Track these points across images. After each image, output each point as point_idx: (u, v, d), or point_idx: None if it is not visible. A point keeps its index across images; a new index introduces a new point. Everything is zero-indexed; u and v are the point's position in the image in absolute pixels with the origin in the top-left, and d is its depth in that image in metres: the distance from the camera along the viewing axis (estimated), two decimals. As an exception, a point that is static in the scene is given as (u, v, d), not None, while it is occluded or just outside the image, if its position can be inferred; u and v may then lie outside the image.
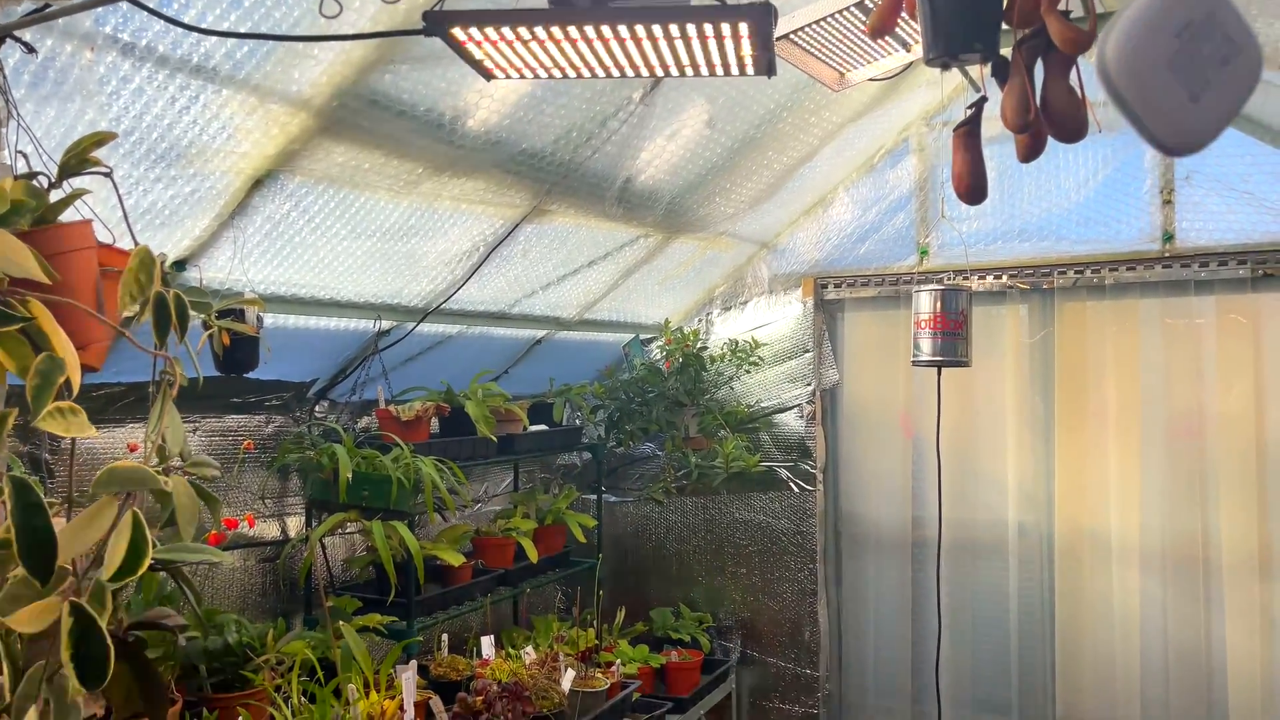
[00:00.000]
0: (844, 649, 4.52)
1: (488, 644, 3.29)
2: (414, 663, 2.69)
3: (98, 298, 1.41)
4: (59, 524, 1.32)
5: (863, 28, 2.55)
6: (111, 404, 2.76)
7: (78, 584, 1.30)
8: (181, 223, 2.39)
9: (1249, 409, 3.76)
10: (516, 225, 3.21)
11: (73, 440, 1.24)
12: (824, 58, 2.77)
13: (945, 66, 1.56)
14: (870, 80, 2.98)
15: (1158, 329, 3.93)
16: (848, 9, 2.48)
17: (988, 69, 1.57)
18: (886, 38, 2.50)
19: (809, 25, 2.55)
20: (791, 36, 2.60)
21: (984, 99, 1.66)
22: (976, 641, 4.24)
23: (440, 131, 2.55)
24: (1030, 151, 1.53)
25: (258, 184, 2.41)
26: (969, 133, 1.64)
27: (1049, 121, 1.49)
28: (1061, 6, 1.47)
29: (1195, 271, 3.82)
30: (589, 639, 4.00)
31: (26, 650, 1.36)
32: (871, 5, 2.43)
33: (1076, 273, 4.01)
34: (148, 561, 1.30)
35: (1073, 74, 1.48)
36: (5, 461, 1.19)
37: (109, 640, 1.24)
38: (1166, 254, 3.86)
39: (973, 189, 1.62)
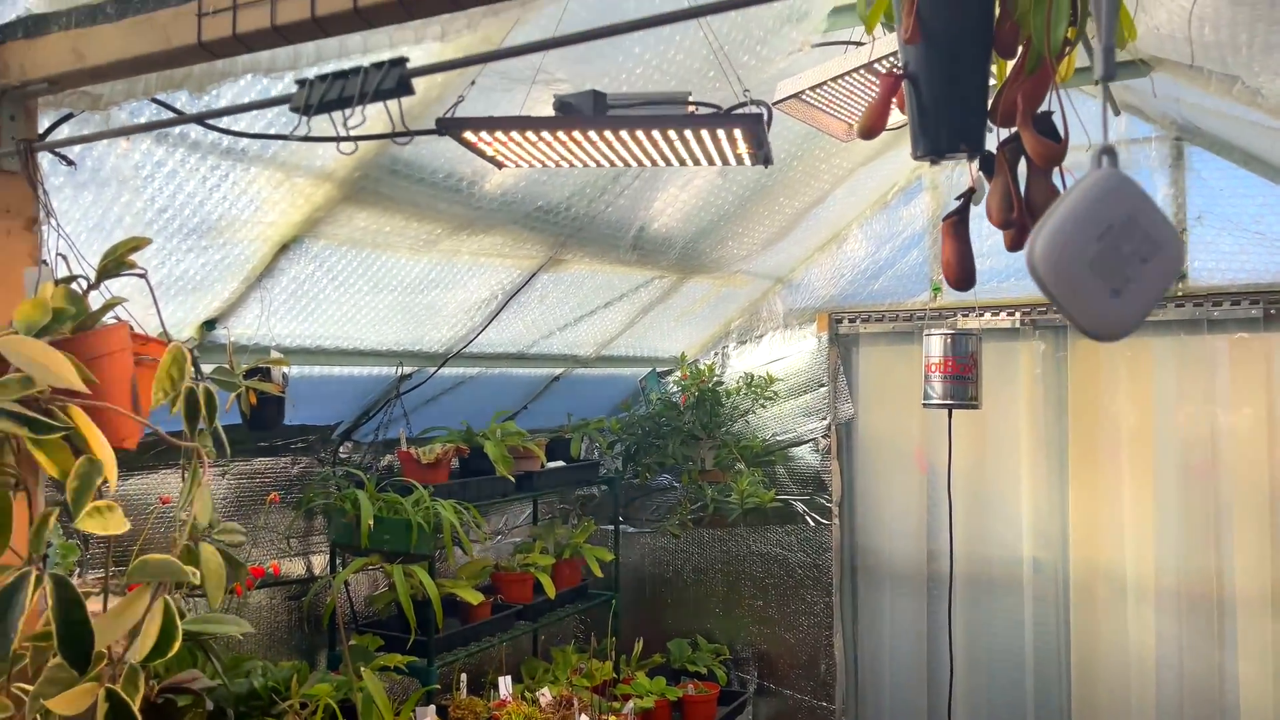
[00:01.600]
0: (860, 682, 4.57)
1: (505, 685, 3.37)
2: (433, 706, 2.78)
3: (133, 393, 1.50)
4: (93, 606, 1.42)
5: (869, 85, 2.62)
6: (145, 453, 2.87)
7: (112, 666, 1.39)
8: (211, 287, 2.50)
9: (1262, 446, 3.78)
10: (533, 274, 3.30)
11: (109, 537, 1.34)
12: (832, 113, 2.83)
13: (932, 162, 1.62)
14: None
15: (1171, 367, 3.95)
16: (855, 70, 2.56)
17: (976, 163, 1.63)
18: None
19: (817, 85, 2.62)
20: (800, 96, 2.68)
21: (972, 190, 1.72)
22: (992, 676, 4.27)
23: (458, 195, 2.64)
24: (1016, 244, 1.59)
25: (284, 248, 2.51)
26: (958, 222, 1.70)
27: (1032, 218, 1.55)
28: (1044, 107, 1.54)
29: (1208, 311, 3.84)
30: (606, 671, 4.08)
31: (65, 726, 1.46)
32: (880, 68, 2.50)
33: (1089, 311, 4.04)
34: (178, 644, 1.39)
35: (1055, 173, 1.55)
36: (46, 558, 1.29)
37: (141, 722, 1.33)
38: (1179, 294, 3.88)
39: (961, 278, 1.68)
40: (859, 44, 2.74)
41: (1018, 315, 4.16)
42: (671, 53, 2.45)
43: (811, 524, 4.54)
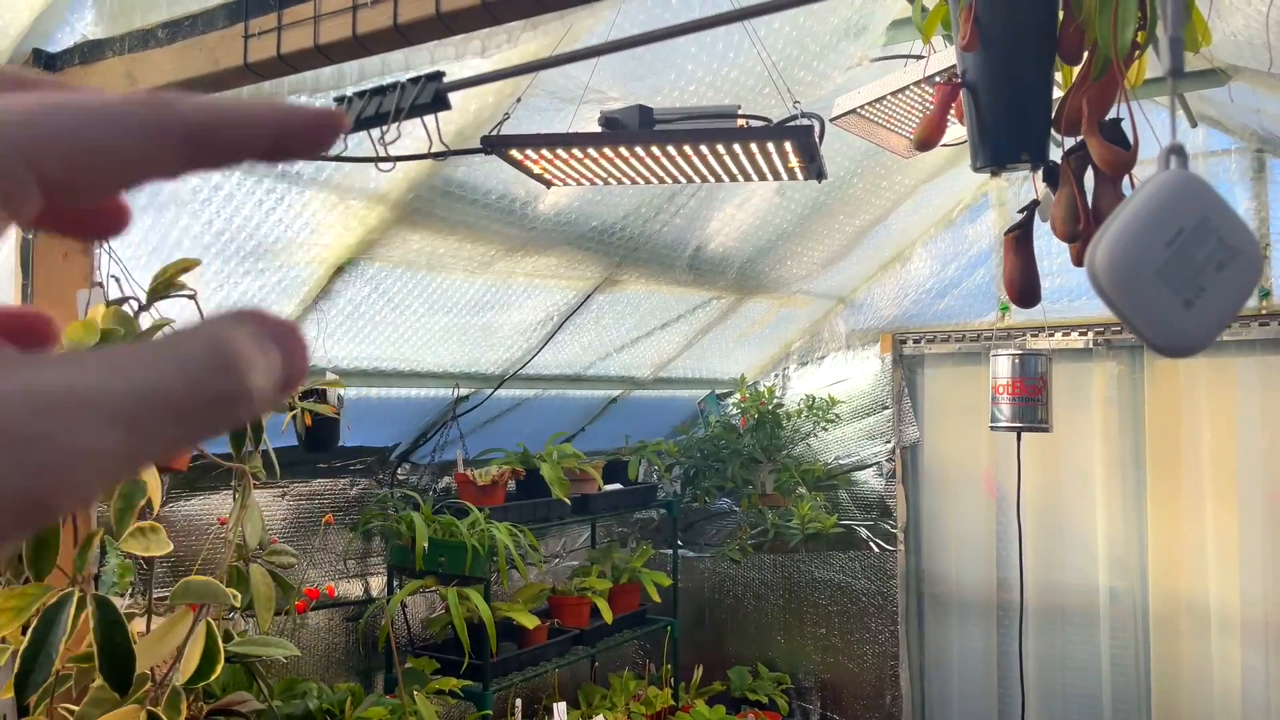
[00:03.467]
0: (927, 715, 4.42)
1: (560, 711, 3.32)
2: (486, 732, 2.74)
3: (180, 413, 1.51)
4: (138, 628, 1.42)
5: (929, 99, 2.56)
6: (206, 474, 2.91)
7: (155, 689, 1.38)
8: (269, 310, 2.52)
9: (1357, 473, 3.57)
10: (589, 295, 3.28)
11: (151, 557, 1.33)
12: (892, 128, 2.77)
13: (994, 174, 1.56)
14: (943, 145, 2.97)
15: (1256, 387, 3.76)
16: (914, 85, 2.49)
17: (1039, 174, 1.56)
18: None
19: (875, 100, 2.57)
20: (858, 111, 2.62)
21: (1036, 203, 1.65)
22: (1066, 711, 4.10)
23: (512, 215, 2.64)
24: (1082, 258, 1.51)
25: (339, 271, 2.53)
26: (1020, 236, 1.63)
27: (1100, 230, 1.47)
28: (1112, 114, 1.46)
29: (1294, 329, 3.66)
30: (665, 699, 4.01)
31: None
32: (939, 79, 2.43)
33: (1166, 330, 3.88)
34: (220, 667, 1.38)
35: (1125, 180, 1.47)
36: (97, 578, 1.29)
37: (182, 746, 1.32)
38: (1264, 311, 3.71)
39: (1025, 293, 1.61)
40: (918, 57, 2.67)
41: (1090, 335, 4.01)
42: (725, 70, 2.41)
43: (876, 550, 4.42)
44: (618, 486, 4.11)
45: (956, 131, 2.87)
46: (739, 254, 3.52)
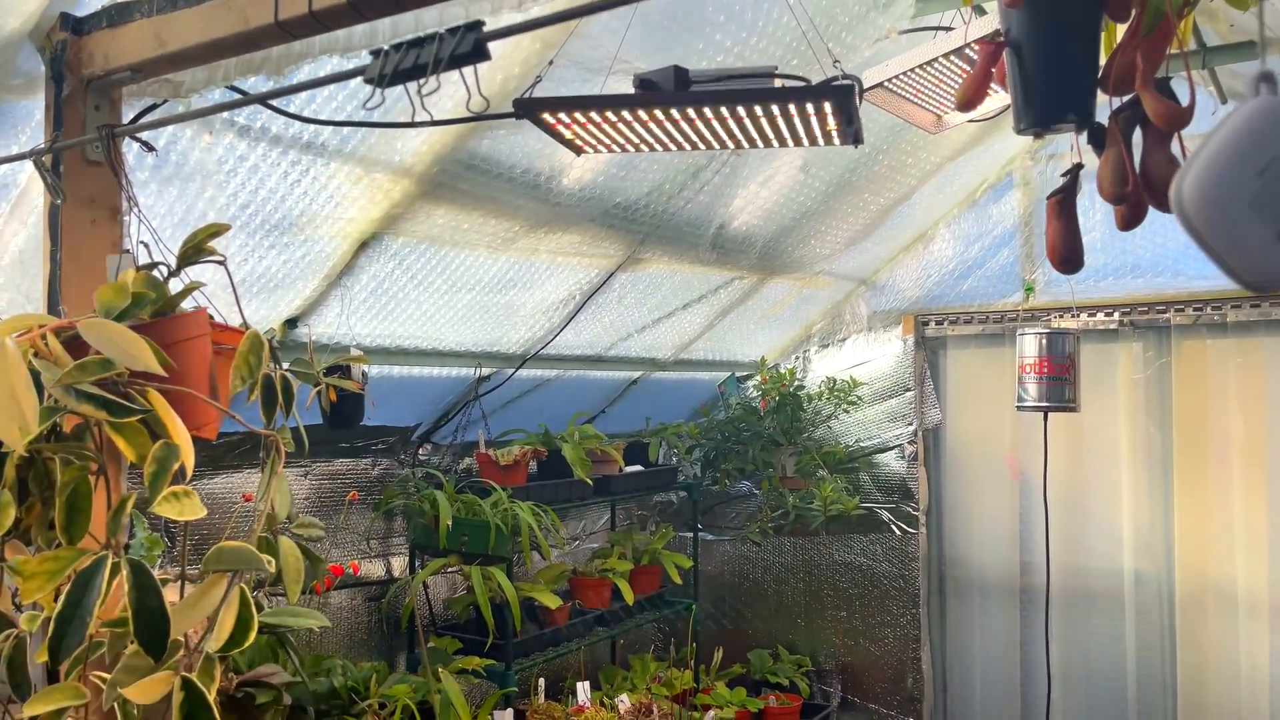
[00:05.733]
0: (949, 698, 4.39)
1: (583, 690, 3.31)
2: (511, 710, 2.73)
3: (211, 379, 1.49)
4: (172, 595, 1.40)
5: (959, 73, 2.51)
6: (230, 451, 2.91)
7: (188, 655, 1.37)
8: (293, 285, 2.51)
9: (1390, 455, 3.52)
10: (611, 274, 3.26)
11: (185, 522, 1.32)
12: (919, 102, 2.72)
13: (1037, 135, 1.52)
14: (970, 121, 2.93)
15: (1286, 369, 3.71)
16: (943, 57, 2.45)
17: (1083, 136, 1.53)
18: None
19: (903, 73, 2.52)
20: (886, 84, 2.58)
21: (1080, 166, 1.61)
22: (1090, 696, 4.06)
23: (536, 190, 2.61)
24: (1129, 221, 1.48)
25: (363, 246, 2.51)
26: (1063, 200, 1.59)
27: (1149, 191, 1.43)
28: (1161, 74, 1.42)
29: (1327, 309, 3.60)
30: (686, 680, 3.99)
31: (140, 717, 1.45)
32: (970, 53, 2.39)
33: (1195, 310, 3.83)
34: (254, 634, 1.36)
35: (1175, 140, 1.43)
36: (127, 547, 1.27)
37: (216, 713, 1.30)
38: (1294, 290, 3.65)
39: (1067, 259, 1.57)
40: (948, 29, 2.63)
41: (1116, 315, 3.96)
42: (754, 39, 2.38)
43: (897, 533, 4.39)
44: (638, 468, 4.09)
45: (984, 106, 2.84)
46: (762, 233, 3.49)
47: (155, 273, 1.49)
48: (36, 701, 1.29)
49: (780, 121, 1.54)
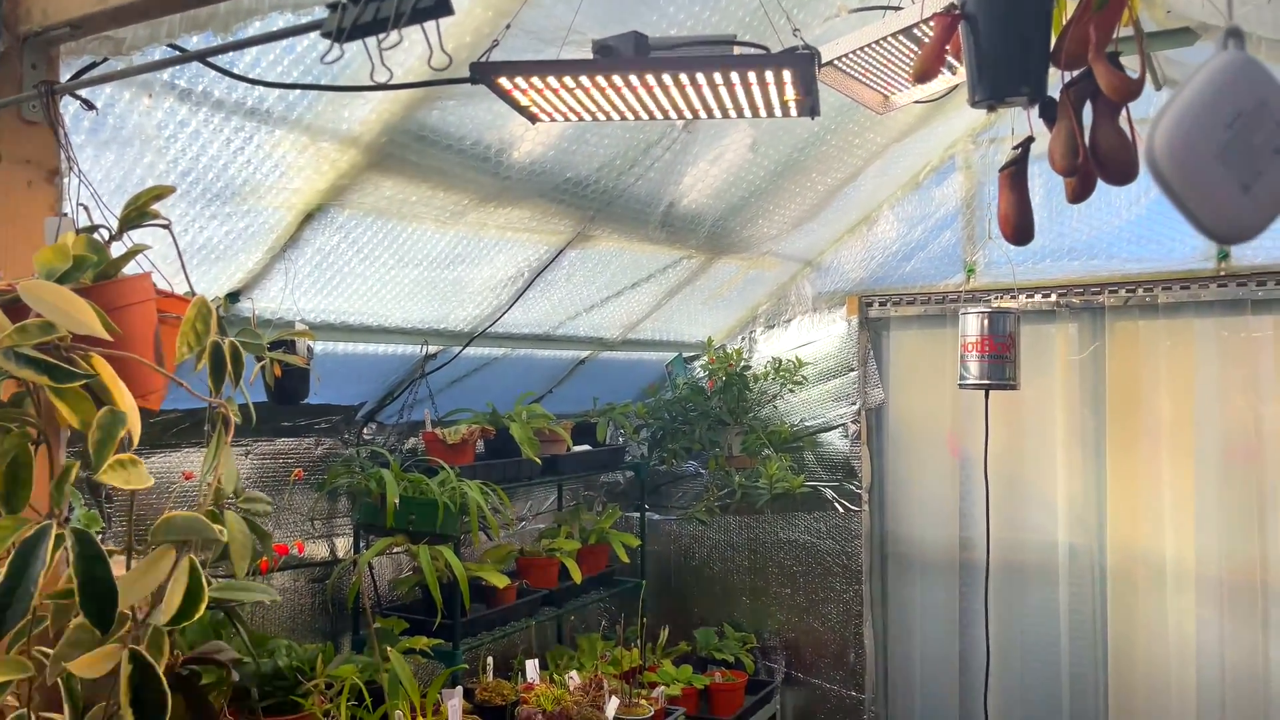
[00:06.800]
0: (890, 671, 4.48)
1: (532, 668, 3.31)
2: (460, 688, 2.72)
3: (156, 347, 1.44)
4: (118, 569, 1.36)
5: (907, 53, 2.54)
6: (168, 430, 2.83)
7: (136, 629, 1.33)
8: (235, 257, 2.44)
9: (1309, 431, 3.67)
10: (561, 251, 3.24)
11: (132, 491, 1.28)
12: (868, 82, 2.75)
13: (991, 108, 1.54)
14: (916, 103, 2.96)
15: (1213, 349, 3.84)
16: (892, 36, 2.47)
17: (1034, 110, 1.55)
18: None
19: (853, 52, 2.54)
20: (835, 63, 2.59)
21: (1030, 139, 1.64)
22: (1026, 666, 4.18)
23: (486, 164, 2.58)
24: (1079, 194, 1.51)
25: (308, 218, 2.46)
26: (1015, 173, 1.63)
27: (1098, 164, 1.47)
28: (1110, 48, 1.46)
29: (1252, 290, 3.73)
30: (633, 659, 4.01)
31: (86, 692, 1.40)
32: (918, 34, 2.42)
33: (1128, 291, 3.94)
34: (204, 606, 1.33)
35: (1122, 116, 1.46)
36: (68, 520, 1.23)
37: (166, 686, 1.27)
38: (1222, 272, 3.78)
39: (1019, 230, 1.60)
40: (897, 8, 2.65)
41: (1054, 296, 4.06)
42: (707, 14, 2.37)
43: (841, 511, 4.46)
44: (586, 448, 4.09)
45: (931, 87, 2.87)
46: (711, 211, 3.50)
47: (96, 235, 1.44)
48: (-23, 676, 1.24)
49: (739, 90, 1.54)
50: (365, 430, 3.51)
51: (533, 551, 3.89)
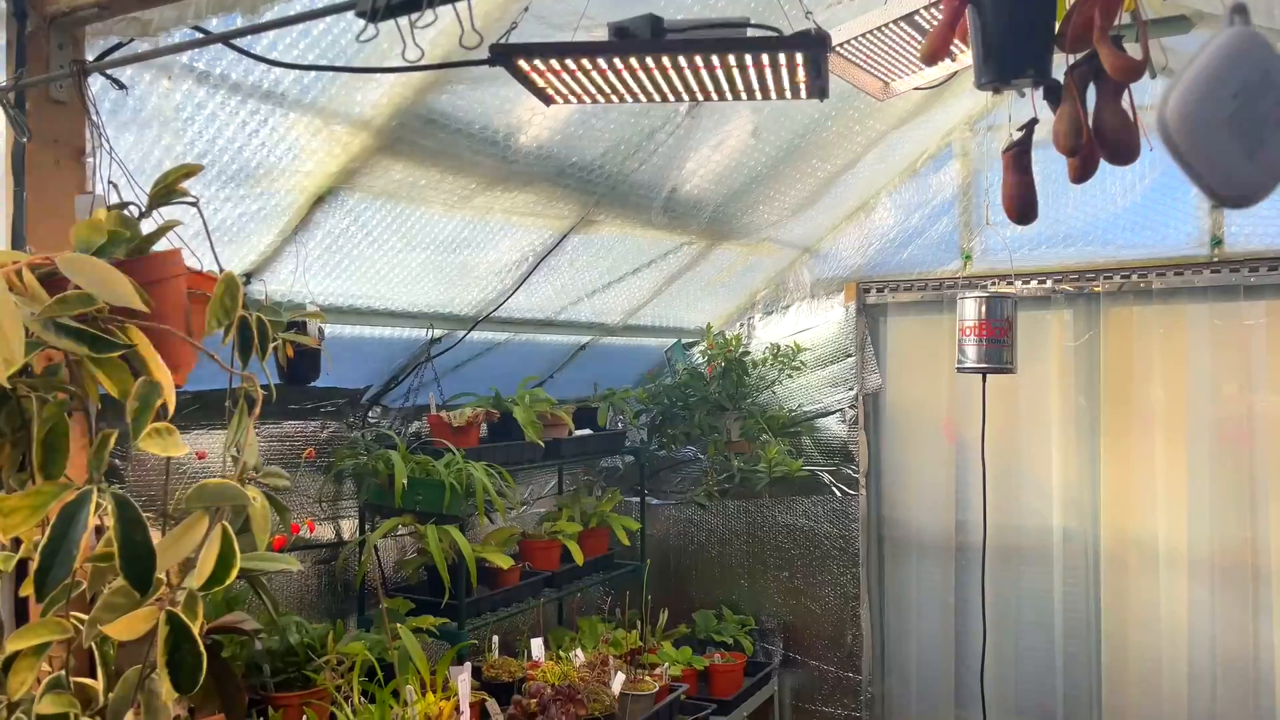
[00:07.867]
0: (887, 653, 4.54)
1: (538, 646, 3.36)
2: (468, 665, 2.76)
3: (186, 321, 1.48)
4: (154, 536, 1.40)
5: (908, 39, 2.58)
6: (178, 413, 2.85)
7: (171, 593, 1.37)
8: (248, 239, 2.48)
9: (1300, 415, 3.73)
10: (564, 236, 3.27)
11: (167, 459, 1.31)
12: (869, 68, 2.79)
13: (997, 90, 1.59)
14: (915, 89, 3.00)
15: (1206, 334, 3.90)
16: (894, 22, 2.51)
17: (1039, 91, 1.60)
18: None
19: (855, 38, 2.58)
20: (837, 49, 2.63)
21: (1035, 121, 1.68)
22: (1020, 647, 4.24)
23: (494, 148, 2.61)
24: (1081, 174, 1.56)
25: (319, 201, 2.49)
26: (1019, 154, 1.67)
27: (1101, 144, 1.51)
28: (1112, 31, 1.50)
29: (1245, 276, 3.79)
30: (633, 641, 4.06)
31: (118, 657, 1.44)
32: (920, 20, 2.46)
33: (1123, 277, 4.00)
34: (236, 571, 1.37)
35: (1125, 97, 1.51)
36: (103, 479, 1.27)
37: (201, 647, 1.31)
38: (1215, 259, 3.84)
39: (1023, 211, 1.65)
40: (900, -5, 2.69)
41: (1050, 282, 4.11)
42: (716, 0, 2.41)
43: (838, 495, 4.51)
44: (587, 432, 4.13)
45: (930, 74, 2.91)
46: (712, 197, 3.54)
47: (126, 212, 1.47)
48: (21, 636, 1.28)
49: (751, 72, 1.58)
50: (371, 413, 3.54)
51: (535, 534, 3.94)
